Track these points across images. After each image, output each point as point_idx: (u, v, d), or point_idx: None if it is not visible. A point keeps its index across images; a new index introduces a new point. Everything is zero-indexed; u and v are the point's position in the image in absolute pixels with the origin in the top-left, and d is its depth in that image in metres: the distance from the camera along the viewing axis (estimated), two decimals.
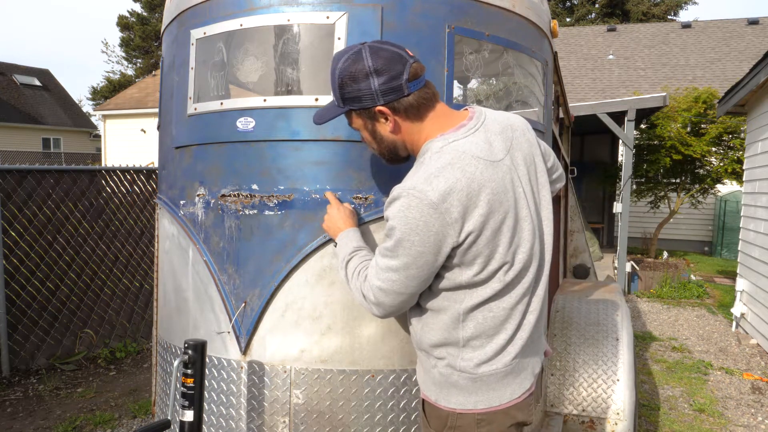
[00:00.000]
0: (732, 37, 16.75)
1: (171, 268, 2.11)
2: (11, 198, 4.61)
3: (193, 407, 1.60)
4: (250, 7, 1.83)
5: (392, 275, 1.33)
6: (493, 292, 1.34)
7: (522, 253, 1.35)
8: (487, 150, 1.33)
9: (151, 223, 5.54)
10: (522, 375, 1.42)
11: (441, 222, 1.25)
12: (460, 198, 1.25)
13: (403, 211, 1.26)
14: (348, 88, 1.34)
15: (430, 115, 1.37)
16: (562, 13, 29.55)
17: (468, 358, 1.37)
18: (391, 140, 1.42)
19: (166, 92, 2.16)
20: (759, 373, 5.06)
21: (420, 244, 1.27)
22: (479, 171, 1.28)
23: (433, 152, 1.32)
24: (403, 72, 1.31)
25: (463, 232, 1.27)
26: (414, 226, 1.26)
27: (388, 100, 1.33)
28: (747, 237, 6.53)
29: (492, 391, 1.38)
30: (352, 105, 1.37)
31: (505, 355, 1.38)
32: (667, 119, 9.73)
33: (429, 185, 1.25)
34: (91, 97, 37.31)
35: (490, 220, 1.28)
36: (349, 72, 1.33)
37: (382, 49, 1.32)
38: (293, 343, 1.79)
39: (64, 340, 4.96)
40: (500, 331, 1.37)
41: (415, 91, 1.34)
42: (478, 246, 1.29)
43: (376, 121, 1.39)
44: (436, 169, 1.27)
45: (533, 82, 2.23)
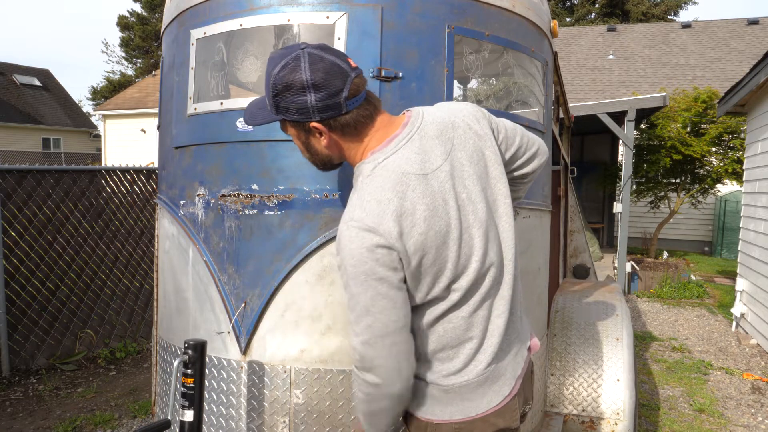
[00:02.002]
0: (732, 37, 16.75)
1: (171, 268, 2.11)
2: (11, 198, 4.61)
3: (193, 407, 1.60)
4: (250, 7, 1.83)
5: (366, 319, 1.22)
6: (450, 304, 1.29)
7: (475, 261, 1.29)
8: (420, 161, 1.26)
9: (151, 223, 5.54)
10: (500, 381, 1.37)
11: (383, 243, 1.19)
12: (396, 219, 1.20)
13: (347, 245, 1.21)
14: (282, 99, 1.26)
15: (369, 132, 1.30)
16: (562, 13, 29.55)
17: (437, 370, 1.33)
18: (324, 154, 1.36)
19: (166, 92, 2.15)
20: (759, 373, 5.06)
21: (372, 272, 1.19)
22: (410, 188, 1.22)
23: (365, 176, 1.27)
24: (343, 89, 1.23)
25: (405, 256, 1.21)
26: (360, 256, 1.19)
27: (324, 117, 1.25)
28: (747, 237, 6.53)
29: (467, 402, 1.33)
30: (286, 115, 1.29)
31: (476, 364, 1.33)
32: (667, 119, 9.73)
33: (363, 211, 1.21)
34: (91, 97, 37.32)
35: (432, 237, 1.22)
36: (284, 81, 1.23)
37: (323, 60, 1.22)
38: (293, 343, 1.79)
39: (64, 340, 4.96)
40: (465, 340, 1.32)
41: (354, 108, 1.26)
42: (424, 266, 1.23)
43: (311, 135, 1.32)
44: (368, 194, 1.23)
45: (533, 82, 2.23)
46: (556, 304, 2.98)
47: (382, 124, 1.32)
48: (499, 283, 1.36)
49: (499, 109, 2.31)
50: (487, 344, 1.34)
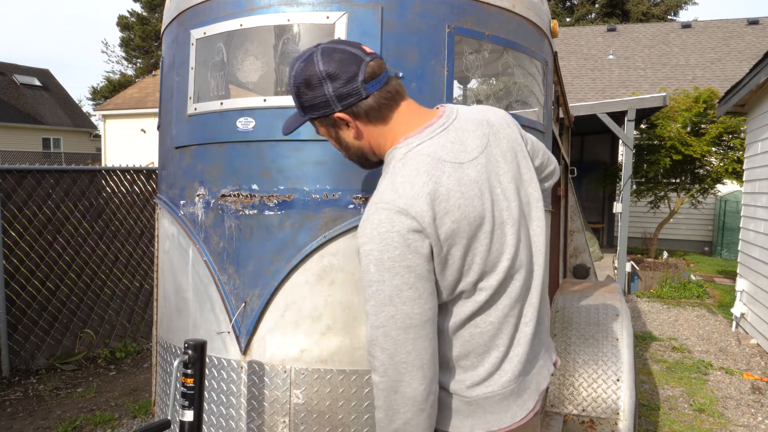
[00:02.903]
0: (732, 37, 16.75)
1: (171, 268, 2.11)
2: (11, 198, 4.61)
3: (193, 407, 1.60)
4: (250, 7, 1.84)
5: (388, 309, 1.14)
6: (478, 306, 1.23)
7: (505, 260, 1.23)
8: (457, 150, 1.22)
9: (151, 223, 5.54)
10: (525, 395, 1.30)
11: (415, 228, 1.13)
12: (430, 202, 1.14)
13: (375, 228, 1.14)
14: (304, 97, 1.26)
15: (394, 115, 1.27)
16: (562, 13, 29.55)
17: (459, 379, 1.26)
18: (357, 146, 1.32)
19: (166, 92, 2.16)
20: (759, 373, 5.06)
21: (402, 258, 1.13)
22: (446, 175, 1.18)
23: (397, 160, 1.23)
24: (358, 73, 1.21)
25: (436, 243, 1.15)
26: (390, 240, 1.13)
27: (345, 105, 1.23)
28: (747, 237, 6.53)
29: (489, 415, 1.25)
30: (311, 113, 1.29)
31: (501, 375, 1.26)
32: (667, 119, 9.73)
33: (395, 193, 1.16)
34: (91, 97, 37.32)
35: (464, 227, 1.17)
36: (302, 79, 1.24)
37: (335, 51, 1.22)
38: (293, 343, 1.79)
39: (64, 340, 4.96)
40: (491, 348, 1.25)
41: (375, 91, 1.23)
42: (454, 256, 1.17)
43: (338, 128, 1.30)
44: (401, 177, 1.18)
45: (533, 82, 2.23)
46: (556, 304, 2.98)
47: (410, 111, 1.29)
48: (528, 288, 1.30)
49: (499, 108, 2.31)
50: (513, 353, 1.27)
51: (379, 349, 1.16)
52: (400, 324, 1.14)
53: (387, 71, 1.26)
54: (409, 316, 1.14)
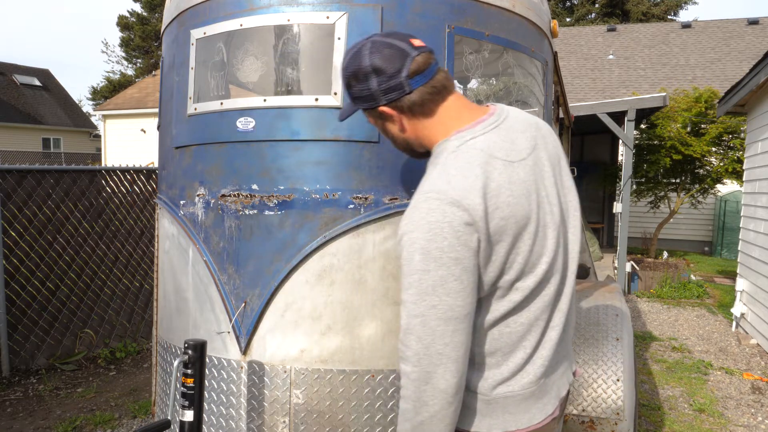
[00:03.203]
0: (732, 37, 16.75)
1: (171, 268, 2.11)
2: (11, 198, 4.61)
3: (193, 407, 1.60)
4: (250, 7, 1.84)
5: (430, 299, 1.12)
6: (512, 305, 1.22)
7: (544, 263, 1.23)
8: (508, 149, 1.23)
9: (151, 223, 5.54)
10: (545, 399, 1.29)
11: (467, 220, 1.12)
12: (482, 196, 1.14)
13: (424, 217, 1.13)
14: (353, 88, 1.29)
15: (440, 110, 1.27)
16: (562, 13, 29.55)
17: (483, 377, 1.25)
18: (402, 138, 1.34)
19: (166, 92, 2.16)
20: (759, 373, 5.06)
21: (450, 250, 1.11)
22: (497, 171, 1.18)
23: (449, 152, 1.22)
24: (402, 69, 1.22)
25: (483, 237, 1.15)
26: (439, 230, 1.12)
27: (389, 99, 1.25)
28: (747, 237, 6.53)
29: (508, 415, 1.25)
30: (359, 104, 1.31)
31: (523, 376, 1.26)
32: (667, 119, 9.73)
33: (448, 184, 1.14)
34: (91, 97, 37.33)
35: (511, 224, 1.17)
36: (351, 71, 1.27)
37: (384, 45, 1.24)
38: (293, 343, 1.79)
39: (64, 340, 4.96)
40: (517, 348, 1.25)
41: (420, 86, 1.24)
42: (498, 253, 1.17)
43: (385, 120, 1.32)
44: (454, 169, 1.17)
45: (533, 82, 2.23)
46: None
47: (459, 105, 1.29)
48: (560, 294, 1.30)
49: None
50: (538, 356, 1.27)
51: (414, 339, 1.14)
52: (441, 315, 1.13)
53: (435, 64, 1.27)
54: (451, 307, 1.13)
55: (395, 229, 1.78)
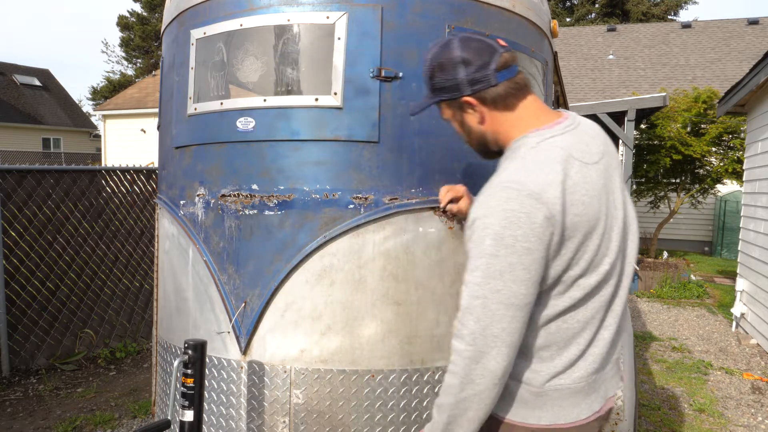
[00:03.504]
0: (732, 37, 16.75)
1: (171, 268, 2.11)
2: (11, 198, 4.61)
3: (193, 407, 1.60)
4: (250, 7, 1.84)
5: (496, 283, 1.16)
6: (572, 302, 1.25)
7: (606, 264, 1.26)
8: (584, 150, 1.27)
9: (151, 223, 5.54)
10: (593, 396, 1.31)
11: (545, 213, 1.15)
12: (561, 192, 1.17)
13: (501, 205, 1.16)
14: (436, 78, 1.33)
15: (520, 106, 1.32)
16: (562, 13, 29.55)
17: (535, 369, 1.28)
18: (479, 132, 1.37)
19: (166, 92, 2.16)
20: (759, 373, 5.06)
21: (524, 239, 1.15)
22: (574, 170, 1.22)
23: (529, 147, 1.26)
24: (491, 62, 1.27)
25: (558, 231, 1.18)
26: (515, 219, 1.15)
27: (475, 90, 1.29)
28: (747, 237, 6.53)
29: (558, 408, 1.28)
30: (441, 95, 1.35)
31: (575, 371, 1.28)
32: (667, 119, 9.74)
33: (528, 177, 1.18)
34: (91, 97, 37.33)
35: (583, 222, 1.21)
36: (438, 61, 1.31)
37: (472, 40, 1.30)
38: (293, 343, 1.79)
39: (64, 340, 4.96)
40: (571, 343, 1.27)
41: (504, 80, 1.29)
42: (567, 248, 1.20)
43: (464, 111, 1.35)
44: (534, 164, 1.21)
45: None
46: None
47: (537, 105, 1.34)
48: (615, 296, 1.33)
49: None
50: (590, 353, 1.30)
51: (473, 319, 1.18)
52: (503, 299, 1.16)
53: (516, 66, 1.32)
54: (514, 294, 1.16)
55: (395, 229, 1.78)
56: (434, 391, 1.83)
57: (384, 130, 1.77)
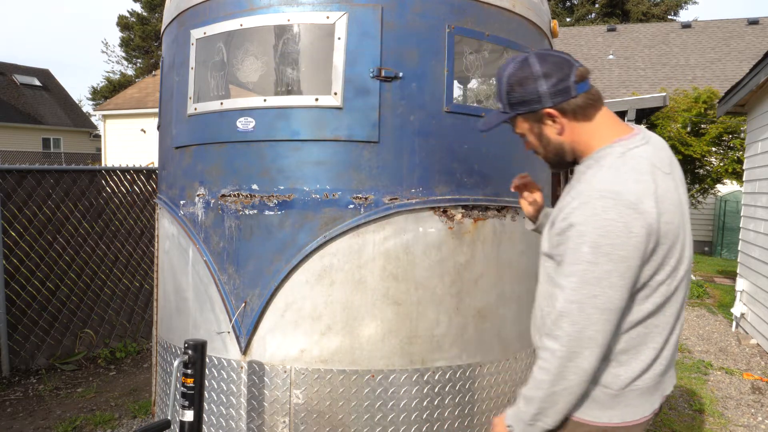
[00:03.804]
0: (732, 37, 16.75)
1: (171, 268, 2.10)
2: (11, 198, 4.61)
3: (193, 407, 1.60)
4: (250, 7, 1.83)
5: (593, 289, 1.21)
6: (654, 307, 1.30)
7: (682, 270, 1.32)
8: (662, 161, 1.32)
9: (151, 223, 5.54)
10: (656, 395, 1.38)
11: (641, 223, 1.20)
12: (654, 202, 1.22)
13: (599, 214, 1.21)
14: (515, 93, 1.36)
15: (597, 117, 1.36)
16: (562, 13, 29.55)
17: (615, 373, 1.32)
18: (557, 143, 1.40)
19: (166, 92, 2.15)
20: (759, 373, 5.06)
21: (621, 248, 1.20)
22: (660, 179, 1.27)
23: (615, 157, 1.30)
24: (571, 74, 1.32)
25: (653, 240, 1.23)
26: (613, 228, 1.20)
27: (556, 102, 1.33)
28: (747, 237, 6.53)
29: (628, 407, 1.34)
30: (519, 109, 1.38)
31: (648, 373, 1.34)
32: (667, 119, 9.74)
33: (623, 186, 1.22)
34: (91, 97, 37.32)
35: (672, 230, 1.26)
36: (517, 77, 1.35)
37: (549, 55, 1.35)
38: (293, 343, 1.79)
39: (64, 340, 4.96)
40: (648, 348, 1.32)
41: (582, 93, 1.34)
42: (658, 255, 1.25)
43: (543, 123, 1.38)
44: (624, 173, 1.25)
45: None
46: None
47: (612, 117, 1.38)
48: (682, 300, 1.37)
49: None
50: (662, 355, 1.35)
51: (569, 322, 1.24)
52: (599, 304, 1.22)
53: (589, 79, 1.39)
54: (610, 300, 1.22)
55: (395, 229, 1.78)
56: (434, 391, 1.83)
57: (384, 130, 1.77)
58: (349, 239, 1.76)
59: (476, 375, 1.91)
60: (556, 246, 1.30)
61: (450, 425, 1.86)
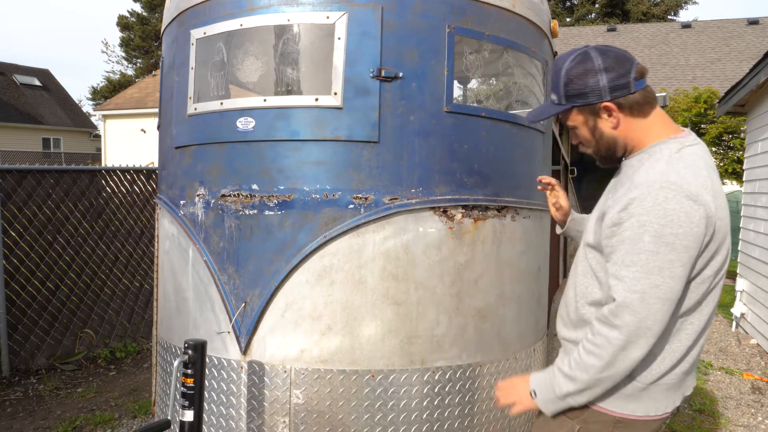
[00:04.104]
0: (732, 37, 16.75)
1: (171, 268, 2.10)
2: (11, 198, 4.61)
3: (193, 407, 1.60)
4: (250, 7, 1.84)
5: (655, 278, 1.22)
6: (693, 303, 1.31)
7: (723, 270, 1.33)
8: (711, 161, 1.35)
9: (151, 223, 5.54)
10: (677, 393, 1.39)
11: (701, 214, 1.22)
12: (712, 196, 1.24)
13: (661, 204, 1.22)
14: (574, 85, 1.37)
15: (652, 114, 1.38)
16: (562, 13, 29.55)
17: (649, 368, 1.33)
18: (611, 137, 1.41)
19: (166, 92, 2.16)
20: (759, 373, 5.06)
21: (684, 237, 1.21)
22: (714, 177, 1.30)
23: (672, 152, 1.32)
24: (631, 70, 1.33)
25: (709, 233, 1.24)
26: (675, 218, 1.21)
27: (614, 97, 1.35)
28: (747, 237, 6.53)
29: (652, 401, 1.35)
30: (576, 102, 1.39)
31: (677, 369, 1.35)
32: None
33: (682, 179, 1.24)
34: (91, 97, 37.32)
35: (724, 226, 1.28)
36: (576, 70, 1.36)
37: (610, 50, 1.36)
38: (293, 343, 1.79)
39: (64, 340, 4.96)
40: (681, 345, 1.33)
41: (641, 89, 1.36)
42: (710, 249, 1.26)
43: (599, 117, 1.39)
44: (683, 167, 1.27)
45: (533, 82, 2.23)
46: (556, 304, 2.97)
47: (664, 116, 1.40)
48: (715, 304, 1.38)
49: (499, 109, 2.31)
50: (691, 354, 1.36)
51: (629, 312, 1.24)
52: (661, 294, 1.23)
53: None
54: (671, 290, 1.23)
55: (395, 229, 1.78)
56: (434, 391, 1.83)
57: (384, 130, 1.77)
58: (349, 239, 1.76)
59: (476, 375, 1.91)
60: (609, 237, 1.30)
61: (450, 425, 1.86)
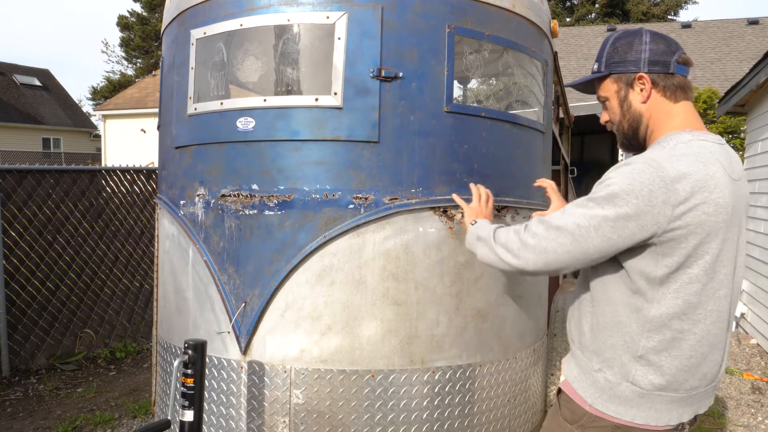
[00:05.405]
0: (732, 37, 16.75)
1: (171, 268, 2.11)
2: (11, 198, 4.61)
3: (193, 407, 1.60)
4: (250, 7, 1.84)
5: (582, 220, 1.28)
6: (685, 305, 1.28)
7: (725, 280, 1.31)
8: (729, 165, 1.32)
9: (151, 223, 5.53)
10: (686, 408, 1.35)
11: (663, 199, 1.22)
12: (693, 186, 1.23)
13: (635, 174, 1.24)
14: (617, 53, 1.40)
15: (681, 102, 1.38)
16: (562, 13, 29.54)
17: (644, 372, 1.31)
18: (637, 112, 1.42)
19: (166, 92, 2.16)
20: (759, 373, 5.06)
21: (632, 208, 1.23)
22: (718, 175, 1.27)
23: (681, 141, 1.32)
24: (676, 52, 1.37)
25: (677, 222, 1.23)
26: (638, 188, 1.23)
27: (652, 71, 1.37)
28: (747, 237, 6.52)
29: (653, 411, 1.32)
30: (615, 69, 1.41)
31: (683, 383, 1.32)
32: None
33: (669, 163, 1.25)
34: (91, 97, 37.32)
35: (710, 223, 1.25)
36: (623, 41, 1.40)
37: (661, 35, 1.41)
38: (293, 343, 1.79)
39: (64, 340, 4.96)
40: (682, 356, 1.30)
41: (681, 74, 1.37)
42: (688, 243, 1.24)
43: (632, 87, 1.41)
44: (681, 154, 1.27)
45: (533, 82, 2.23)
46: (556, 304, 2.98)
47: (693, 110, 1.40)
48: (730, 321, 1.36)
49: (499, 109, 2.31)
50: (700, 371, 1.33)
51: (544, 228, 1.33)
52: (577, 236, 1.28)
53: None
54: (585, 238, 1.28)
55: (395, 229, 1.79)
56: (434, 391, 1.84)
57: (384, 130, 1.77)
58: (349, 239, 1.76)
59: (476, 375, 1.92)
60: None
61: (450, 425, 1.86)
